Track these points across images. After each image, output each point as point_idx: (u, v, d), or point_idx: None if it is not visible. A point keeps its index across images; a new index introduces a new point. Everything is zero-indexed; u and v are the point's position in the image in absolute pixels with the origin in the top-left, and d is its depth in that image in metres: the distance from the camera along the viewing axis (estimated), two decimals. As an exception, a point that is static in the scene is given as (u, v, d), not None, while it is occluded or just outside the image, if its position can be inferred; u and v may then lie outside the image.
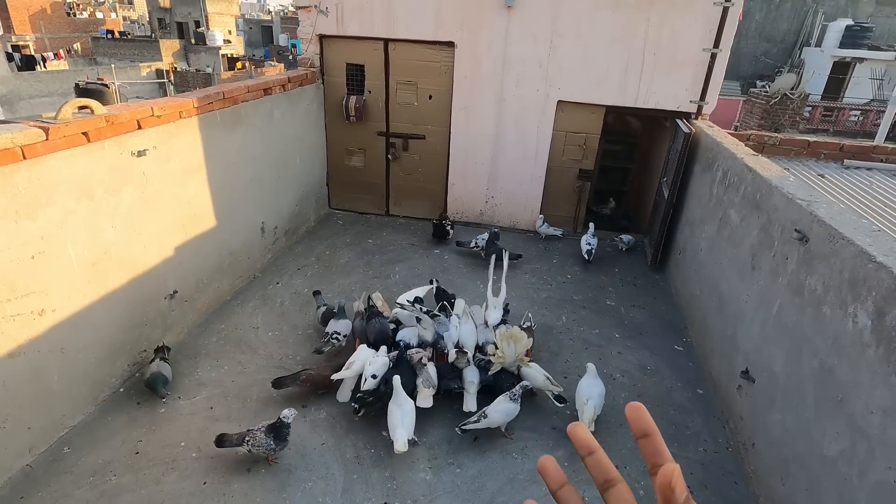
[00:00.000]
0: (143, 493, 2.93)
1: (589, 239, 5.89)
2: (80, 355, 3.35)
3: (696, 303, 4.72)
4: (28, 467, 3.03)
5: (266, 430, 3.04)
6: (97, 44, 32.74)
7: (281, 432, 3.04)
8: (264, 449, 3.03)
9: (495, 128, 6.27)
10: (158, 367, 3.57)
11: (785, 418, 2.90)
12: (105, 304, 3.48)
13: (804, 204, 3.02)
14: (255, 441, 3.02)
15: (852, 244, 2.49)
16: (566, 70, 5.88)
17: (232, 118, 4.62)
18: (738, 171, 4.13)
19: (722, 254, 4.24)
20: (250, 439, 3.03)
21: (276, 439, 3.04)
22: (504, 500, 3.03)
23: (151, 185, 3.78)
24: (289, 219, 5.92)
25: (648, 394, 3.97)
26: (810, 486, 2.58)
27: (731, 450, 3.47)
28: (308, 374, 3.66)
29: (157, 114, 3.72)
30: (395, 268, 5.61)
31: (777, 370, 3.06)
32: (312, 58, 6.26)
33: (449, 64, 6.07)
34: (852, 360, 2.38)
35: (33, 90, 20.34)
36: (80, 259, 3.25)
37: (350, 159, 6.76)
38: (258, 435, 3.04)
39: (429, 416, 3.57)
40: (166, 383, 3.57)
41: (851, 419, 2.33)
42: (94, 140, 3.25)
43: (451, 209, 6.79)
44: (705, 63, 5.60)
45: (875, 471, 2.15)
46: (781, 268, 3.19)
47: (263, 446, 3.02)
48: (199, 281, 4.45)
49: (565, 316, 4.90)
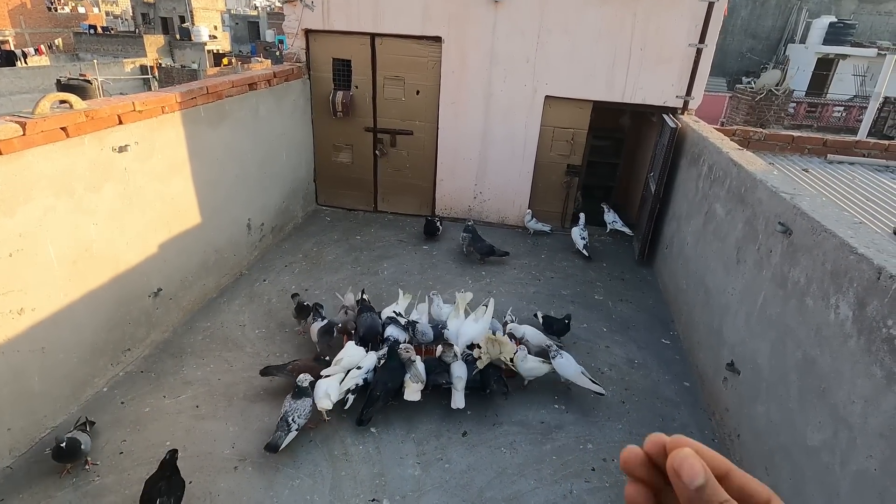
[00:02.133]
0: (127, 494, 2.88)
1: (581, 231, 5.92)
2: (62, 355, 3.29)
3: (682, 296, 4.76)
4: (8, 469, 2.97)
5: (290, 400, 3.23)
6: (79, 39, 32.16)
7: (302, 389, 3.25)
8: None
9: (483, 123, 6.26)
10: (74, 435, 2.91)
11: (769, 409, 2.93)
12: (87, 303, 3.42)
13: (788, 197, 3.05)
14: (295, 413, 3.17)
15: (834, 236, 2.52)
16: (554, 65, 5.88)
17: (216, 113, 4.56)
18: (723, 166, 4.16)
19: (708, 247, 4.28)
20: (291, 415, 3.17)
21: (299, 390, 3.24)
22: (493, 495, 3.04)
23: (134, 182, 3.72)
24: (276, 216, 5.87)
25: (636, 387, 3.99)
26: (794, 475, 2.61)
27: (718, 441, 3.51)
28: (295, 365, 3.64)
29: (138, 109, 3.65)
30: (383, 264, 5.59)
31: (761, 362, 3.09)
32: (298, 53, 6.19)
33: (436, 59, 6.04)
34: (834, 350, 2.41)
35: (13, 86, 19.93)
36: (60, 257, 3.19)
37: (337, 155, 6.71)
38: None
39: (417, 411, 3.56)
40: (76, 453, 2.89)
41: (834, 409, 2.36)
42: (74, 135, 3.18)
43: (439, 205, 6.77)
44: (691, 58, 5.63)
45: (856, 460, 2.18)
46: (766, 260, 3.22)
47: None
48: (185, 279, 4.39)
49: (553, 311, 4.90)
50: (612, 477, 3.19)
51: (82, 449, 2.91)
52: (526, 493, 3.06)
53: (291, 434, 3.13)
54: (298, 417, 3.17)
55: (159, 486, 2.66)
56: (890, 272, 2.11)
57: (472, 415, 3.61)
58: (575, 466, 3.26)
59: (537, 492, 3.07)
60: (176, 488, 2.72)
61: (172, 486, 2.70)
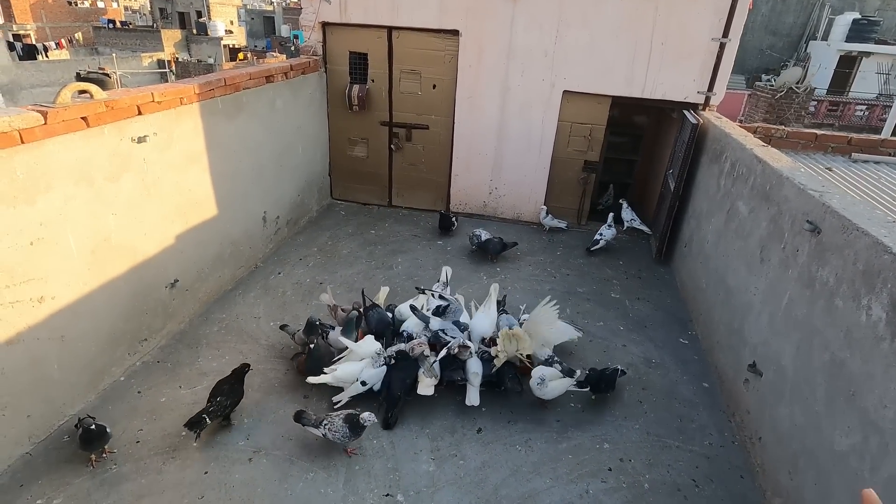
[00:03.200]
0: (143, 482, 2.90)
1: (607, 229, 5.94)
2: (80, 343, 3.31)
3: (702, 296, 4.67)
4: (28, 455, 3.00)
5: (344, 419, 3.05)
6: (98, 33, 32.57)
7: (357, 426, 3.03)
8: (340, 436, 3.02)
9: (500, 118, 6.20)
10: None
11: (794, 412, 2.86)
12: (105, 292, 3.44)
13: (816, 195, 2.96)
14: (332, 426, 3.03)
15: (867, 235, 2.43)
16: (572, 60, 5.79)
17: (233, 105, 4.56)
18: (746, 163, 4.07)
19: (729, 246, 4.19)
20: (328, 423, 3.04)
21: (351, 430, 3.03)
22: (507, 493, 3.00)
23: (152, 172, 3.73)
24: (291, 209, 5.87)
25: (653, 387, 3.93)
26: (819, 480, 2.54)
27: (738, 444, 3.43)
28: (301, 359, 3.66)
29: (157, 100, 3.66)
30: (397, 259, 5.57)
31: (785, 363, 3.01)
32: (315, 46, 6.18)
33: (453, 53, 5.99)
34: (865, 353, 2.34)
35: (34, 79, 20.24)
36: (79, 246, 3.21)
37: (353, 149, 6.70)
38: (336, 421, 3.04)
39: (431, 407, 3.54)
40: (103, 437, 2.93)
41: (864, 413, 2.29)
42: (94, 125, 3.19)
43: (454, 201, 6.73)
44: (714, 53, 5.52)
45: (888, 466, 2.11)
46: (792, 260, 3.13)
47: (339, 433, 3.02)
48: (201, 270, 4.41)
49: (569, 308, 4.85)
50: (628, 477, 3.14)
51: (108, 433, 2.95)
52: (541, 491, 3.02)
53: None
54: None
55: (224, 388, 3.26)
56: (928, 272, 2.03)
57: (487, 412, 3.57)
58: (591, 466, 3.21)
59: (553, 490, 3.03)
60: (235, 394, 3.30)
61: (234, 391, 3.29)
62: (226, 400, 3.23)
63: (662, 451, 3.35)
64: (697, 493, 3.09)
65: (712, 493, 3.09)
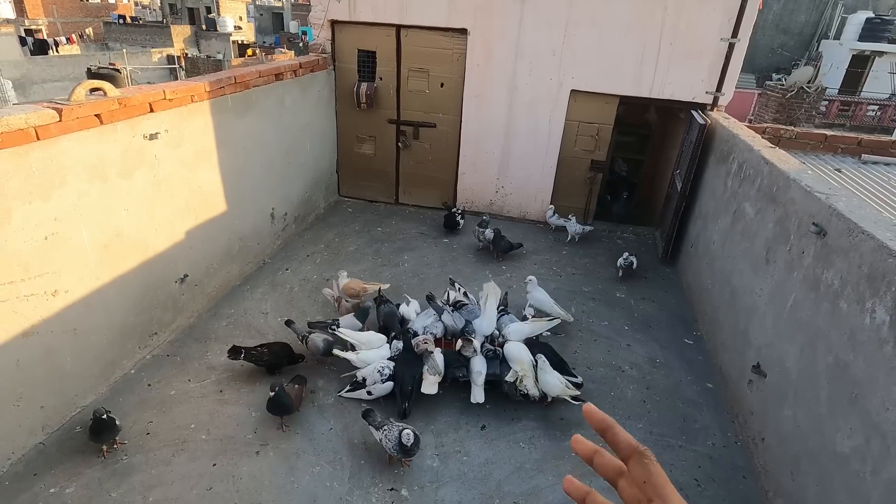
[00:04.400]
0: (153, 473, 2.96)
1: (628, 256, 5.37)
2: (93, 336, 3.38)
3: (707, 296, 4.68)
4: (41, 445, 3.07)
5: (398, 434, 2.94)
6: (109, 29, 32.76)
7: (403, 447, 2.93)
8: (392, 446, 2.94)
9: (507, 117, 6.21)
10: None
11: (797, 414, 2.87)
12: (117, 287, 3.50)
13: (823, 197, 2.96)
14: (388, 435, 2.97)
15: (872, 238, 2.44)
16: (580, 59, 5.79)
17: (243, 103, 4.60)
18: (754, 164, 4.06)
19: (735, 247, 4.19)
20: (387, 431, 2.98)
21: (400, 448, 2.93)
22: (511, 489, 3.04)
23: (163, 169, 3.78)
24: (298, 205, 5.92)
25: (657, 387, 3.94)
26: (821, 482, 2.56)
27: (740, 444, 3.45)
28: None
29: (169, 97, 3.71)
30: (403, 256, 5.61)
31: (790, 365, 3.02)
32: (324, 44, 6.21)
33: (461, 51, 6.01)
34: (869, 356, 2.35)
35: (46, 74, 20.41)
36: (92, 241, 3.27)
37: (360, 147, 6.74)
38: (392, 432, 2.97)
39: (435, 404, 3.58)
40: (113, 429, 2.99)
41: (867, 416, 2.30)
42: (107, 122, 3.25)
43: (460, 199, 6.75)
44: (723, 53, 5.50)
45: (890, 468, 2.12)
46: (797, 262, 3.14)
47: (392, 443, 2.93)
48: (210, 266, 4.46)
49: (574, 307, 4.86)
50: (631, 476, 3.16)
51: (118, 425, 3.00)
52: (544, 488, 3.06)
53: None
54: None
55: (275, 347, 3.66)
56: (932, 276, 2.04)
57: (491, 409, 3.61)
58: (594, 464, 3.23)
59: (556, 487, 3.06)
60: (276, 357, 3.68)
61: (278, 354, 3.68)
62: (267, 353, 3.64)
63: (665, 451, 3.37)
64: (700, 492, 3.11)
65: (714, 493, 3.11)
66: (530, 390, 3.49)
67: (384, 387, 3.47)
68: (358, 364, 3.62)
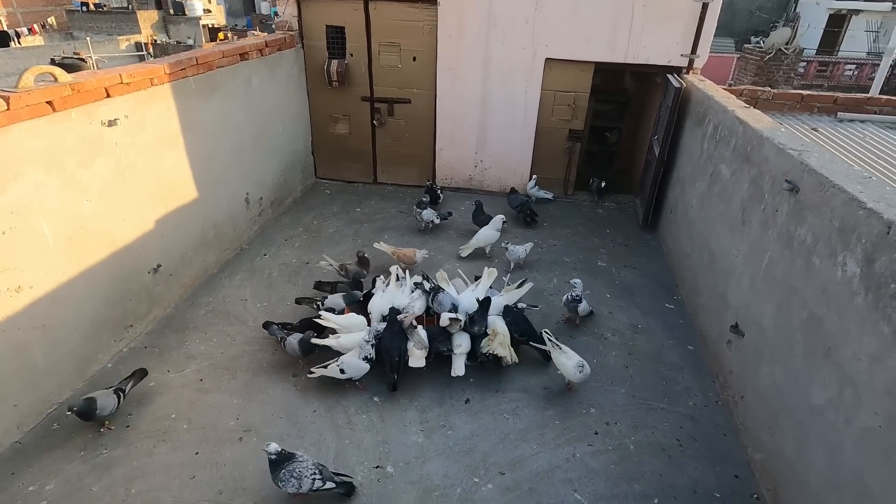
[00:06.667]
0: (135, 465, 2.93)
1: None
2: (64, 332, 3.29)
3: (686, 261, 4.70)
4: (17, 444, 3.01)
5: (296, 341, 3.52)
6: (72, 17, 31.57)
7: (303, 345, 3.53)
8: (293, 350, 3.54)
9: (482, 89, 6.10)
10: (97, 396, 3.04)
11: (774, 370, 2.90)
12: (85, 280, 3.40)
13: (795, 154, 2.95)
14: (290, 339, 3.50)
15: (843, 191, 2.43)
16: (553, 26, 5.68)
17: (207, 85, 4.45)
18: (729, 125, 4.04)
19: (713, 210, 4.19)
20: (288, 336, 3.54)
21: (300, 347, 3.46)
22: (496, 460, 3.05)
23: (126, 157, 3.66)
24: (274, 189, 5.80)
25: (639, 352, 3.97)
26: (797, 435, 2.60)
27: (721, 403, 3.50)
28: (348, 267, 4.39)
29: (125, 81, 3.56)
30: (384, 236, 5.54)
31: (766, 323, 3.05)
32: (290, 20, 6.01)
33: (432, 23, 5.85)
34: (841, 308, 2.36)
35: (8, 67, 19.64)
36: (55, 234, 3.16)
37: (335, 126, 6.59)
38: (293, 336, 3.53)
39: (420, 380, 3.57)
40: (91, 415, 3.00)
41: (839, 367, 2.32)
42: (60, 109, 3.11)
43: (439, 175, 6.67)
44: (696, 14, 5.42)
45: (862, 417, 2.15)
46: (772, 220, 3.14)
47: (293, 347, 3.53)
48: (184, 254, 4.37)
49: (556, 278, 4.87)
50: (614, 440, 3.20)
51: (97, 413, 3.00)
52: (529, 457, 3.08)
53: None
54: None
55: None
56: (900, 226, 2.04)
57: (475, 382, 3.61)
58: (578, 430, 3.27)
59: (540, 456, 3.09)
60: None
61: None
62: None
63: (648, 414, 3.41)
64: (682, 452, 3.15)
65: (696, 451, 3.16)
66: (497, 350, 3.53)
67: (358, 365, 3.43)
68: (339, 349, 3.57)
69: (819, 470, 2.40)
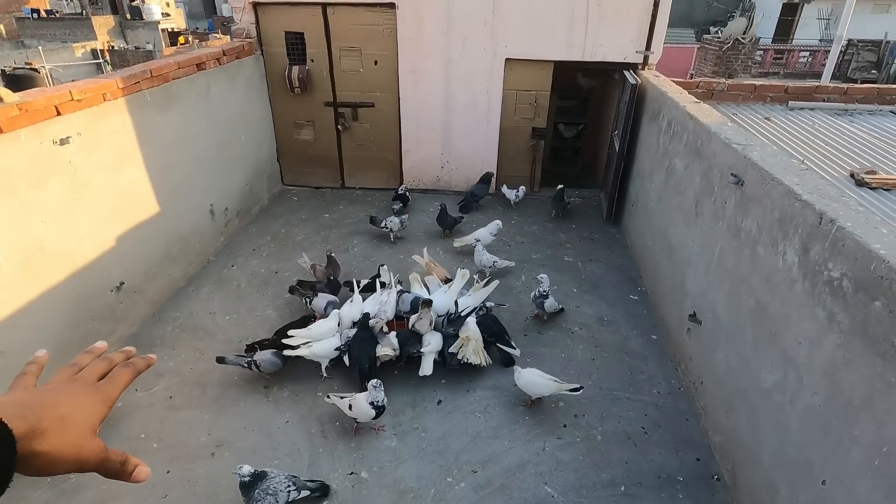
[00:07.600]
0: (104, 489, 2.89)
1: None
2: (24, 356, 3.20)
3: (648, 252, 4.84)
4: (-20, 474, 2.94)
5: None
6: (23, 25, 30.39)
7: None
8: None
9: (445, 90, 6.15)
10: None
11: (728, 356, 3.04)
12: (44, 302, 3.34)
13: (739, 148, 3.08)
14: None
15: (781, 184, 2.56)
16: (512, 26, 5.76)
17: (164, 97, 4.39)
18: (680, 120, 4.18)
19: (670, 202, 4.33)
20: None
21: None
22: (468, 458, 3.12)
23: (81, 175, 3.59)
24: (240, 199, 5.75)
25: (605, 343, 4.09)
26: (750, 416, 2.73)
27: (683, 390, 3.64)
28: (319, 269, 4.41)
29: (76, 98, 3.50)
30: (353, 241, 5.55)
31: (720, 311, 3.18)
32: (248, 28, 5.95)
33: (392, 26, 5.87)
34: (783, 295, 2.49)
35: (-44, 80, 18.83)
36: (9, 257, 3.09)
37: (299, 133, 6.55)
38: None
39: (391, 384, 3.60)
40: None
41: (783, 351, 2.45)
42: (8, 130, 3.04)
43: (407, 177, 6.70)
44: (649, 12, 5.56)
45: (803, 397, 2.28)
46: (721, 212, 3.27)
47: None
48: (148, 270, 4.31)
49: (524, 275, 4.96)
50: (582, 431, 3.30)
51: None
52: (500, 453, 3.15)
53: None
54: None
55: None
56: (830, 216, 2.17)
57: (447, 383, 3.67)
58: (547, 425, 3.36)
59: (511, 451, 3.17)
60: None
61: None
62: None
63: (614, 404, 3.52)
64: (647, 438, 3.27)
65: (660, 437, 3.28)
66: (470, 358, 3.59)
67: (367, 411, 3.14)
68: (312, 358, 3.59)
69: (770, 448, 2.53)
